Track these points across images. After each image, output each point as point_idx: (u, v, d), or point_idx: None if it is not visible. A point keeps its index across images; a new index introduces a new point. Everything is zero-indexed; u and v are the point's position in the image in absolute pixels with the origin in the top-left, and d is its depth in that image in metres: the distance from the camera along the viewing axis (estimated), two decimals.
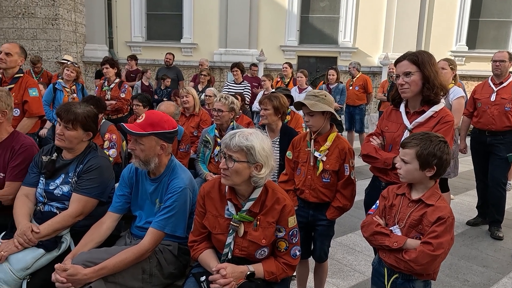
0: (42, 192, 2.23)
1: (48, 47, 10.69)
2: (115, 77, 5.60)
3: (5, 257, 1.95)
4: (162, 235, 1.98)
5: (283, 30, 11.67)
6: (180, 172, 2.08)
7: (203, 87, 6.50)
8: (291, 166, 2.57)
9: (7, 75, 3.68)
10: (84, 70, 11.52)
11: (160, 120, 2.02)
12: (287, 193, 2.55)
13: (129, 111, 5.61)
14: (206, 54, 11.69)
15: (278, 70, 10.83)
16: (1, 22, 10.57)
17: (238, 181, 1.76)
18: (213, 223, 1.86)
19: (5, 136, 2.45)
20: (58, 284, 1.74)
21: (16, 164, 2.37)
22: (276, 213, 1.81)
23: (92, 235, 2.04)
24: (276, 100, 3.11)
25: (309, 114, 2.38)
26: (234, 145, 1.71)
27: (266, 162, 1.75)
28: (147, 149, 1.97)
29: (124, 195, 2.15)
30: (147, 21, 12.22)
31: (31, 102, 3.63)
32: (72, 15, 11.15)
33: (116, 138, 3.73)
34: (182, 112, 4.64)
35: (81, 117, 2.19)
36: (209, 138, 3.63)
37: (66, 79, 5.18)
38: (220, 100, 3.50)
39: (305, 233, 2.51)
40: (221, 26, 11.73)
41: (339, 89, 6.77)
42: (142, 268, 1.93)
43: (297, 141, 2.56)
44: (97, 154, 2.28)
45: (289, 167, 2.57)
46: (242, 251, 1.80)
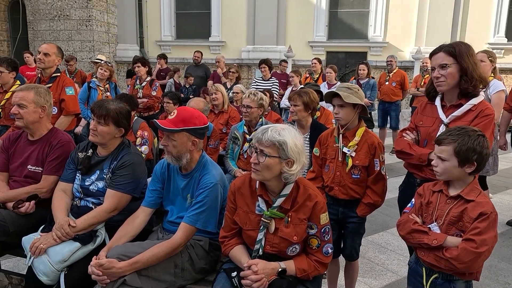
0: (78, 188, 2.31)
1: (82, 48, 11.05)
2: (147, 75, 5.72)
3: (44, 250, 2.03)
4: (194, 230, 1.99)
5: (312, 26, 11.53)
6: (211, 168, 2.09)
7: (232, 84, 6.52)
8: (318, 163, 2.52)
9: (45, 75, 3.83)
10: (116, 70, 11.84)
11: (191, 116, 2.03)
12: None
13: (160, 108, 5.71)
14: (234, 52, 11.75)
15: (306, 66, 10.73)
16: (39, 24, 11.02)
17: (268, 176, 1.74)
18: (244, 219, 1.86)
19: (45, 132, 2.55)
20: (94, 277, 1.79)
21: (53, 159, 2.46)
22: (307, 210, 1.78)
23: (126, 229, 2.08)
24: (306, 95, 3.07)
25: (340, 106, 2.32)
26: (266, 140, 1.69)
27: (297, 158, 1.73)
28: (179, 145, 1.99)
29: (156, 190, 2.18)
30: (176, 20, 12.40)
31: (67, 100, 3.76)
32: (105, 16, 11.47)
33: (148, 135, 3.81)
34: (211, 109, 4.67)
35: (112, 113, 2.24)
36: (238, 134, 3.64)
37: (100, 78, 5.33)
38: (249, 97, 3.49)
39: (335, 231, 2.46)
40: (249, 23, 11.73)
41: (370, 85, 6.61)
42: (174, 262, 1.95)
43: (324, 137, 2.51)
44: (130, 150, 2.33)
45: (316, 164, 2.53)
46: (273, 247, 1.79)
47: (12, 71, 3.98)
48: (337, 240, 2.50)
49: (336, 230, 2.45)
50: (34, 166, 2.48)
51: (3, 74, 3.89)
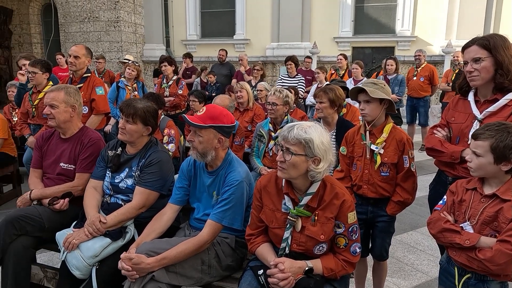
0: (108, 185, 2.37)
1: (111, 48, 11.34)
2: (173, 74, 5.80)
3: (77, 245, 2.10)
4: (220, 227, 2.01)
5: (337, 21, 11.36)
6: (237, 166, 2.10)
7: (256, 82, 6.52)
8: (346, 162, 2.47)
9: (76, 76, 3.95)
10: (144, 69, 12.08)
11: (219, 114, 2.04)
12: None
13: (186, 107, 5.79)
14: (258, 49, 11.74)
15: (331, 63, 10.58)
16: (70, 26, 11.38)
17: (294, 174, 1.73)
18: (270, 217, 1.85)
19: (76, 131, 2.64)
20: (124, 272, 1.83)
21: (85, 157, 2.54)
22: (335, 208, 1.75)
23: (154, 226, 2.12)
24: (332, 92, 3.03)
25: (366, 101, 2.27)
26: (292, 138, 1.68)
27: (324, 156, 1.70)
28: (205, 141, 2.01)
29: (183, 187, 2.21)
30: (201, 19, 12.50)
31: (98, 100, 3.87)
32: (132, 17, 11.72)
33: (175, 133, 3.86)
34: (236, 107, 4.69)
35: (140, 112, 2.29)
36: (263, 132, 3.63)
37: (127, 78, 5.45)
38: (275, 94, 3.47)
39: (364, 230, 2.42)
40: (273, 20, 11.69)
41: (398, 80, 6.45)
42: (201, 259, 1.97)
43: (350, 135, 2.46)
44: (157, 148, 2.37)
45: (344, 163, 2.48)
46: (299, 246, 1.78)
47: (46, 72, 4.13)
48: (365, 239, 2.46)
49: (364, 229, 2.41)
50: (67, 163, 2.57)
51: (37, 75, 4.04)
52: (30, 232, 2.30)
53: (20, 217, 2.29)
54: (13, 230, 2.26)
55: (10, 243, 2.25)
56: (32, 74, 4.05)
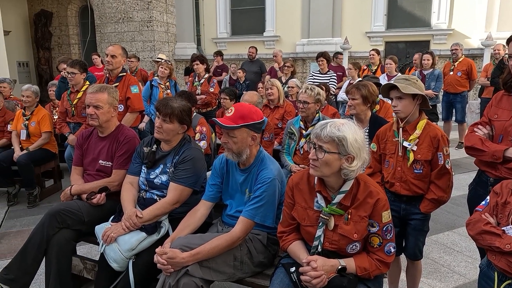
0: (144, 181, 2.44)
1: (144, 48, 11.63)
2: (205, 72, 5.87)
3: (115, 238, 2.18)
4: (252, 224, 2.02)
5: (369, 16, 11.10)
6: (269, 163, 2.10)
7: (287, 79, 6.49)
8: (375, 159, 2.44)
9: (112, 75, 4.08)
10: (175, 68, 12.29)
11: (249, 112, 2.06)
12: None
13: (217, 104, 5.85)
14: (288, 46, 11.66)
15: (363, 58, 10.36)
16: (106, 27, 11.76)
17: (327, 172, 1.71)
18: (302, 214, 1.84)
19: (113, 129, 2.74)
20: (159, 265, 1.89)
21: (121, 154, 2.64)
22: (368, 207, 1.73)
23: (188, 222, 2.17)
24: (365, 88, 2.97)
25: (398, 98, 2.22)
26: (325, 135, 1.66)
27: (358, 154, 1.68)
28: (239, 141, 2.03)
29: (216, 184, 2.24)
30: (231, 17, 12.58)
31: (133, 98, 3.98)
32: (164, 17, 11.95)
33: (206, 130, 3.92)
34: (267, 104, 4.70)
35: (177, 111, 2.34)
36: (294, 130, 3.61)
37: (160, 76, 5.57)
38: (306, 92, 3.43)
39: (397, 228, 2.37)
40: (303, 16, 11.58)
41: (435, 75, 6.22)
42: (234, 255, 2.00)
43: (382, 132, 2.41)
44: (191, 145, 2.42)
45: (373, 159, 2.44)
46: (332, 244, 1.76)
47: (83, 72, 4.29)
48: (398, 237, 2.41)
49: (397, 227, 2.36)
50: (105, 160, 2.68)
51: (76, 76, 4.21)
52: (71, 225, 2.42)
53: (62, 211, 2.41)
54: (56, 223, 2.38)
55: (53, 235, 2.37)
56: (71, 75, 4.22)
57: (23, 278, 2.36)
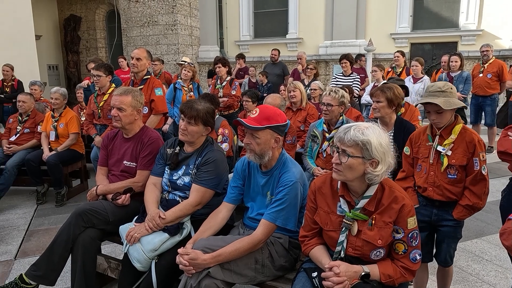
0: (167, 182, 2.47)
1: (168, 51, 11.83)
2: (227, 75, 5.91)
3: (138, 239, 2.21)
4: (274, 227, 2.01)
5: (394, 17, 10.91)
6: (291, 166, 2.09)
7: (309, 81, 6.45)
8: (409, 162, 2.40)
9: (137, 77, 4.16)
10: (199, 70, 12.44)
11: (273, 114, 2.05)
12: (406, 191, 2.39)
13: (239, 107, 5.87)
14: (311, 48, 11.61)
15: (388, 60, 10.19)
16: (131, 31, 12.04)
17: (351, 177, 1.68)
18: (325, 219, 1.82)
19: (137, 131, 2.78)
20: (181, 266, 1.90)
21: (145, 155, 2.68)
22: (393, 213, 1.68)
23: (209, 223, 2.17)
24: (390, 91, 2.91)
25: (438, 112, 2.16)
26: (348, 139, 1.63)
27: (383, 158, 1.64)
28: (262, 142, 2.02)
29: (237, 186, 2.25)
30: (254, 19, 12.63)
31: (157, 100, 4.05)
32: (188, 20, 12.12)
33: (228, 132, 3.94)
34: (289, 106, 4.67)
35: (202, 113, 2.36)
36: (317, 132, 3.57)
37: (184, 79, 5.64)
38: (330, 94, 3.38)
39: (428, 234, 2.32)
40: (326, 18, 11.50)
41: (463, 77, 6.04)
42: (255, 258, 1.99)
43: (416, 136, 2.37)
44: (213, 148, 2.43)
45: (406, 163, 2.40)
46: (355, 250, 1.73)
47: (109, 75, 4.40)
48: (428, 243, 2.35)
49: (428, 232, 2.30)
50: (129, 161, 2.72)
51: (101, 78, 4.31)
52: (96, 224, 2.47)
53: (88, 210, 2.46)
54: (82, 222, 2.43)
55: (79, 234, 2.42)
56: (97, 78, 4.33)
57: (50, 275, 2.43)
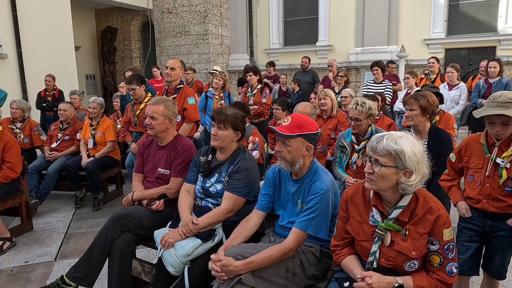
0: (200, 189, 2.53)
1: (199, 60, 12.08)
2: (257, 83, 5.97)
3: (172, 244, 2.28)
4: (305, 236, 2.01)
5: (428, 22, 10.65)
6: (323, 174, 2.09)
7: (340, 88, 6.41)
8: (453, 169, 2.37)
9: (171, 87, 4.29)
10: (229, 79, 12.62)
11: (305, 122, 2.07)
12: (451, 189, 2.33)
13: (270, 114, 5.91)
14: (341, 55, 11.52)
15: (421, 66, 9.95)
16: (164, 41, 12.41)
17: (383, 186, 1.67)
18: (357, 229, 1.81)
19: (171, 139, 2.87)
20: (213, 272, 1.93)
21: (178, 163, 2.76)
22: (428, 224, 1.65)
23: (241, 230, 2.20)
24: (424, 99, 2.85)
25: (505, 123, 2.08)
26: (381, 149, 1.62)
27: (416, 168, 1.62)
28: (294, 150, 2.04)
29: (268, 194, 2.26)
30: (284, 27, 12.70)
31: (189, 109, 4.15)
32: (219, 30, 12.35)
33: (259, 140, 3.97)
34: (319, 114, 4.66)
35: (230, 118, 2.42)
36: (345, 143, 3.48)
37: (215, 87, 5.76)
38: (356, 108, 3.24)
39: (479, 245, 2.26)
40: (357, 24, 11.38)
41: (503, 84, 5.80)
42: (286, 266, 2.00)
43: (467, 145, 2.30)
44: (245, 156, 2.47)
45: (451, 169, 2.37)
46: (388, 261, 1.70)
47: (141, 84, 4.54)
48: (477, 254, 2.29)
49: (479, 244, 2.24)
50: (163, 169, 2.81)
51: (136, 90, 4.47)
52: (132, 229, 2.56)
53: (125, 215, 2.56)
54: (119, 226, 2.53)
55: (116, 238, 2.52)
56: (132, 91, 4.49)
57: (89, 277, 2.53)
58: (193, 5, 11.80)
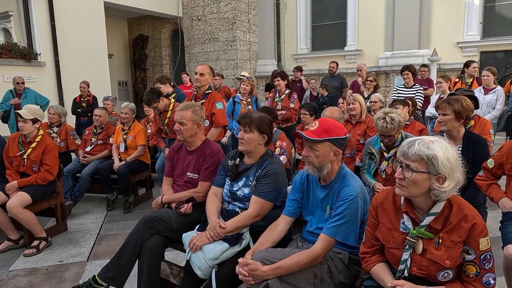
0: (227, 192, 2.55)
1: (227, 66, 12.22)
2: (285, 88, 5.97)
3: (200, 247, 2.30)
4: (333, 242, 1.98)
5: (461, 25, 10.31)
6: (351, 180, 2.06)
7: (369, 93, 6.30)
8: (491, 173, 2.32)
9: (200, 92, 4.36)
10: (256, 84, 12.69)
11: (333, 126, 2.05)
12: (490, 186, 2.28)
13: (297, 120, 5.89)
14: (370, 59, 11.33)
15: (454, 70, 9.65)
16: (193, 48, 12.64)
17: (415, 193, 1.62)
18: (387, 236, 1.76)
19: (199, 144, 2.92)
20: (241, 277, 1.93)
21: (206, 167, 2.79)
22: (463, 232, 1.59)
23: (268, 235, 2.20)
24: (458, 103, 2.77)
25: None
26: (412, 154, 1.58)
27: (450, 174, 1.56)
28: (321, 155, 2.02)
29: (296, 200, 2.25)
30: (312, 32, 12.65)
31: (217, 114, 4.21)
32: (247, 36, 12.47)
33: (286, 145, 3.96)
34: (348, 119, 4.60)
35: (255, 120, 2.44)
36: (374, 151, 3.40)
37: (242, 93, 5.80)
38: (387, 127, 3.11)
39: None
40: (387, 28, 11.18)
41: None
42: (314, 272, 1.97)
43: (508, 152, 2.23)
44: (273, 160, 2.47)
45: (487, 172, 2.32)
46: (420, 270, 1.65)
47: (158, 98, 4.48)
48: None
49: None
50: (192, 173, 2.85)
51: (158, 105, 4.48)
52: (161, 231, 2.61)
53: (154, 218, 2.61)
54: (148, 229, 2.58)
55: (145, 240, 2.57)
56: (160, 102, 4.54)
57: (119, 278, 2.60)
58: (221, 12, 11.98)
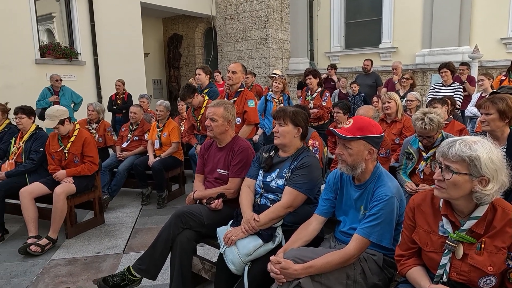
0: (260, 184, 2.56)
1: (259, 64, 12.24)
2: (317, 86, 5.90)
3: (234, 242, 2.32)
4: (367, 243, 1.94)
5: (506, 20, 9.78)
6: (387, 180, 2.00)
7: (405, 92, 6.12)
8: None
9: (232, 90, 4.40)
10: (288, 82, 12.63)
11: (368, 125, 2.00)
12: None
13: (330, 118, 5.81)
14: (406, 57, 10.99)
15: (497, 68, 9.19)
16: (226, 46, 12.75)
17: (455, 195, 1.55)
18: (425, 239, 1.70)
19: (229, 140, 2.94)
20: (272, 274, 1.93)
21: (235, 163, 2.82)
22: (507, 238, 1.51)
23: (300, 234, 2.18)
24: (502, 102, 2.63)
25: None
26: (453, 155, 1.51)
27: (494, 176, 1.48)
28: (355, 153, 1.98)
29: (329, 199, 2.22)
30: (345, 30, 12.43)
31: (249, 112, 4.22)
32: (279, 34, 12.42)
33: (319, 144, 3.91)
34: (383, 118, 4.49)
35: (289, 113, 2.47)
36: (412, 150, 3.31)
37: (274, 91, 5.79)
38: (426, 128, 3.04)
39: None
40: (424, 25, 10.79)
41: None
42: (347, 273, 1.94)
43: None
44: (309, 153, 2.49)
45: None
46: (461, 275, 1.58)
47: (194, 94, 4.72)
48: None
49: None
50: (222, 169, 2.89)
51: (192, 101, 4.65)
52: (193, 226, 2.65)
53: (186, 213, 2.66)
54: (180, 224, 2.64)
55: (177, 234, 2.63)
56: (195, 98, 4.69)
57: (153, 270, 2.67)
58: (254, 10, 12.00)
